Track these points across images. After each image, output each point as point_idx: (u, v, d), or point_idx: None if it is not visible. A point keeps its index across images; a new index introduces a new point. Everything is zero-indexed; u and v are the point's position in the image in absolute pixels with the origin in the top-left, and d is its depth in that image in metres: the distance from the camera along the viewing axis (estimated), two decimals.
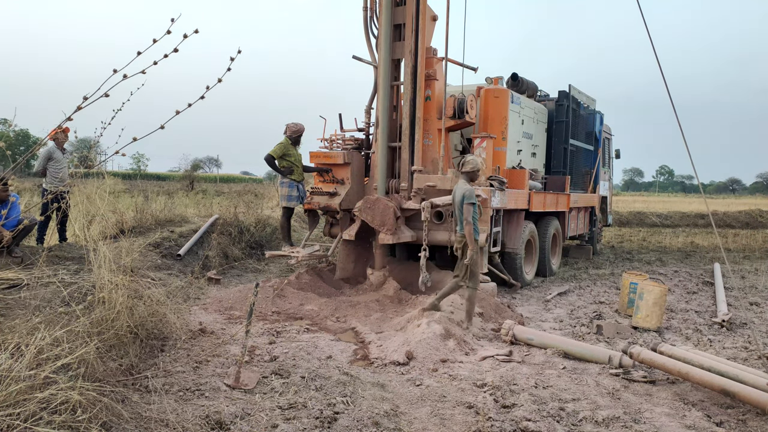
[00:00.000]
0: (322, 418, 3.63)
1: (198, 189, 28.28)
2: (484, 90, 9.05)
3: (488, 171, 8.09)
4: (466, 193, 5.87)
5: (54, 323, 3.70)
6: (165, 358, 4.55)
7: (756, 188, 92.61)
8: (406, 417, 3.83)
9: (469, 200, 5.86)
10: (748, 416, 3.98)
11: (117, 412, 3.30)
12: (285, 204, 8.47)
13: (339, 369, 4.63)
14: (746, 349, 5.65)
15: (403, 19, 7.96)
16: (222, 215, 11.23)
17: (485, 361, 5.11)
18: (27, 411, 2.79)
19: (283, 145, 8.34)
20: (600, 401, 4.18)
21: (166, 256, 8.70)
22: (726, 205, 33.33)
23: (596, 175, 12.37)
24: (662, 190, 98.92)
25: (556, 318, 7.02)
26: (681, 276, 10.36)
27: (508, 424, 3.69)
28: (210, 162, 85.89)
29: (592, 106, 12.35)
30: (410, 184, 7.80)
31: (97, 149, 8.29)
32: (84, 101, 2.55)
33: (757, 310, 7.61)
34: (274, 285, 7.29)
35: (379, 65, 8.04)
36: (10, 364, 3.01)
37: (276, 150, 8.27)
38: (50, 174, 8.15)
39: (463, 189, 5.93)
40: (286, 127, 8.50)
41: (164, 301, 5.21)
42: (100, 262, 4.91)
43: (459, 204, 5.96)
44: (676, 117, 4.77)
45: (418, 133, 7.89)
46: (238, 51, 2.80)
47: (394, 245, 8.54)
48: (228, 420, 3.51)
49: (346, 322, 6.44)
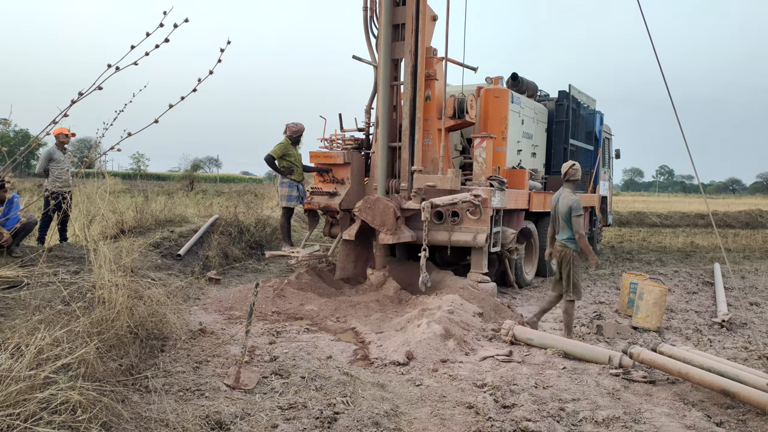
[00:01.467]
0: (322, 418, 3.63)
1: (198, 189, 28.27)
2: (484, 90, 9.05)
3: (488, 171, 8.10)
4: (573, 204, 5.64)
5: (54, 323, 3.70)
6: (165, 358, 4.55)
7: (756, 188, 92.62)
8: (406, 417, 3.83)
9: (577, 212, 5.64)
10: (748, 416, 3.98)
11: (117, 412, 3.30)
12: (285, 204, 8.48)
13: (339, 369, 4.63)
14: (746, 349, 5.65)
15: (403, 19, 7.96)
16: (222, 215, 11.24)
17: (485, 361, 5.11)
18: (27, 411, 2.79)
19: (283, 145, 8.34)
20: (600, 401, 4.18)
21: (166, 256, 8.70)
22: (726, 205, 33.34)
23: (596, 175, 12.37)
24: (662, 190, 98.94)
25: (556, 318, 7.02)
26: (681, 276, 10.36)
27: (508, 424, 3.69)
28: (210, 162, 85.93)
29: (592, 105, 12.35)
30: (410, 184, 7.79)
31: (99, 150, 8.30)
32: (79, 96, 2.56)
33: (757, 310, 7.61)
34: (274, 285, 7.28)
35: (379, 65, 8.04)
36: (10, 364, 3.01)
37: (276, 150, 8.27)
38: (52, 175, 8.15)
39: (570, 200, 5.67)
40: (286, 127, 8.50)
41: (164, 301, 5.21)
42: (100, 262, 4.91)
43: (565, 215, 5.72)
44: (676, 116, 4.77)
45: (418, 133, 7.89)
46: (227, 42, 2.80)
47: (394, 245, 8.54)
48: (228, 420, 3.51)
49: (346, 322, 6.43)
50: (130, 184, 26.40)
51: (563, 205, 5.73)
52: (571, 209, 5.64)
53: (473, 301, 6.68)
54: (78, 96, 2.55)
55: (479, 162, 8.01)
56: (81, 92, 2.54)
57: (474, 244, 7.50)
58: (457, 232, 7.67)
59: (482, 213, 7.47)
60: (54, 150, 8.17)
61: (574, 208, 5.63)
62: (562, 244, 5.79)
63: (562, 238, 5.81)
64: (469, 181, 8.15)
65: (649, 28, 4.79)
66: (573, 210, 5.64)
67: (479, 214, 7.47)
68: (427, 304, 6.37)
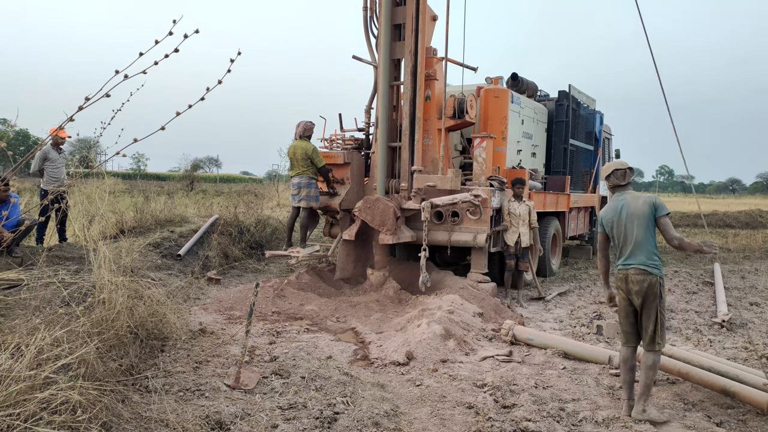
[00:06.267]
0: (322, 418, 3.63)
1: (198, 189, 28.26)
2: (484, 90, 9.05)
3: (488, 171, 8.10)
4: (656, 201, 4.01)
5: (54, 323, 3.70)
6: (165, 359, 4.55)
7: (756, 188, 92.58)
8: (406, 417, 3.83)
9: (665, 210, 3.99)
10: (749, 416, 3.98)
11: (117, 412, 3.30)
12: (315, 204, 8.18)
13: (339, 369, 4.63)
14: (746, 350, 5.65)
15: (403, 19, 7.96)
16: (222, 215, 11.23)
17: (485, 361, 5.12)
18: (27, 411, 2.78)
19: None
20: (600, 401, 4.18)
21: (166, 256, 8.70)
22: (726, 205, 33.32)
23: (596, 175, 12.37)
24: (662, 190, 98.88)
25: (556, 318, 7.02)
26: (681, 276, 10.35)
27: (508, 424, 3.69)
28: (210, 162, 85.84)
29: (592, 105, 12.35)
30: (410, 184, 7.79)
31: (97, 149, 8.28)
32: (86, 101, 2.56)
33: (757, 310, 7.60)
34: (274, 285, 7.28)
35: (379, 65, 8.04)
36: (10, 364, 3.01)
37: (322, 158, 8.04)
38: (47, 174, 8.16)
39: (648, 197, 4.05)
40: (303, 127, 8.19)
41: (164, 301, 5.21)
42: (100, 263, 4.90)
43: (648, 216, 3.97)
44: (670, 115, 4.76)
45: (418, 133, 7.89)
46: (238, 53, 2.79)
47: (394, 245, 8.54)
48: (228, 420, 3.51)
49: (346, 323, 6.43)
50: (130, 184, 26.41)
51: (642, 206, 4.00)
52: (655, 207, 3.97)
53: (473, 301, 6.68)
54: (85, 102, 2.55)
55: (479, 162, 8.01)
56: (88, 97, 2.54)
57: (474, 244, 7.50)
58: (457, 232, 7.67)
59: (482, 213, 7.47)
60: (49, 150, 8.17)
61: (659, 205, 3.98)
62: (641, 272, 3.93)
63: (639, 262, 3.95)
64: (469, 181, 8.15)
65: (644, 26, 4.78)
66: (659, 207, 3.97)
67: (479, 214, 7.47)
68: (427, 304, 6.37)
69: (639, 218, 3.96)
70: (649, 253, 3.94)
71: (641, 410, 3.84)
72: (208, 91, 2.68)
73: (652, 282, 3.89)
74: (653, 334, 3.90)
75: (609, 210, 4.15)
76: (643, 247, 3.94)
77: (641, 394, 3.89)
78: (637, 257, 3.95)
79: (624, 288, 4.01)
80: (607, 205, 4.22)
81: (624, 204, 4.06)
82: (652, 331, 3.90)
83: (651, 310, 3.90)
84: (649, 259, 3.93)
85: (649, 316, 3.91)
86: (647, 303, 3.91)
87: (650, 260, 3.93)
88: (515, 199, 7.79)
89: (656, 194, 4.21)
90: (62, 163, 8.32)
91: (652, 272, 3.90)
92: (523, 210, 7.70)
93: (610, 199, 4.24)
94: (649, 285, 3.89)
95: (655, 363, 3.93)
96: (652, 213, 3.95)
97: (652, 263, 3.93)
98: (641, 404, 3.87)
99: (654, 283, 3.90)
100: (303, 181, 7.93)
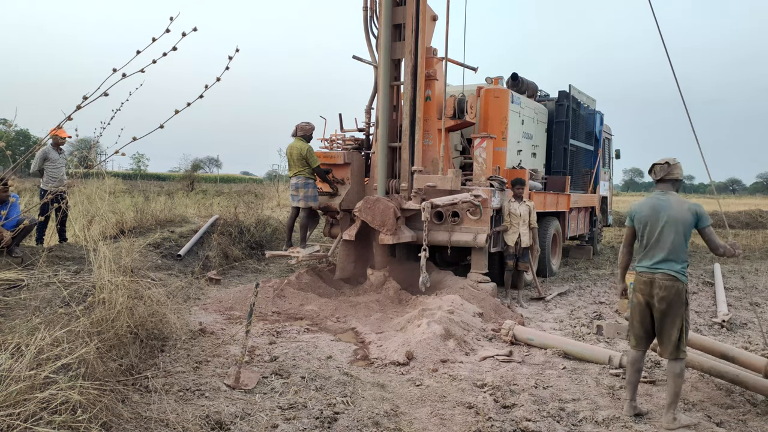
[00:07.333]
0: (322, 418, 3.64)
1: (198, 189, 28.25)
2: (484, 90, 9.05)
3: (488, 171, 8.10)
4: (699, 210, 3.87)
5: (54, 323, 3.70)
6: (165, 359, 4.55)
7: (756, 188, 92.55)
8: (406, 417, 3.83)
9: (708, 221, 3.88)
10: (749, 416, 3.98)
11: (117, 412, 3.30)
12: (314, 204, 8.14)
13: (339, 369, 4.63)
14: (746, 350, 5.65)
15: (403, 19, 7.97)
16: (222, 215, 11.24)
17: (485, 361, 5.12)
18: (27, 411, 2.78)
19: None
20: (600, 401, 4.19)
21: (166, 256, 8.70)
22: (726, 205, 33.31)
23: (596, 175, 12.37)
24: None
25: (556, 318, 7.02)
26: None
27: (508, 424, 3.69)
28: (210, 162, 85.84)
29: (592, 106, 12.35)
30: (410, 185, 7.80)
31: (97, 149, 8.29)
32: (84, 101, 2.55)
33: (757, 310, 7.61)
34: (274, 285, 7.28)
35: (379, 65, 8.04)
36: (11, 364, 3.01)
37: (317, 157, 8.03)
38: (47, 174, 8.17)
39: (693, 205, 3.90)
40: (297, 126, 8.18)
41: (164, 301, 5.21)
42: (100, 263, 4.91)
43: (689, 224, 3.87)
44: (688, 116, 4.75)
45: (418, 133, 7.89)
46: (236, 50, 2.79)
47: (394, 245, 8.54)
48: (228, 420, 3.51)
49: (346, 323, 6.44)
50: (130, 184, 26.40)
51: (682, 212, 3.86)
52: (699, 216, 3.85)
53: (473, 301, 6.68)
54: (83, 101, 2.55)
55: (479, 162, 8.02)
56: (86, 96, 2.54)
57: (474, 244, 7.50)
58: (457, 232, 7.67)
59: (482, 213, 7.47)
60: (49, 150, 8.18)
61: (702, 215, 3.86)
62: (671, 278, 3.84)
63: (671, 268, 3.86)
64: (469, 181, 8.15)
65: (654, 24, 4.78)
66: (702, 217, 3.86)
67: (479, 215, 7.47)
68: (427, 304, 6.37)
69: (679, 224, 3.84)
70: (681, 260, 3.87)
71: (671, 419, 3.77)
72: (206, 89, 2.67)
73: (680, 289, 3.83)
74: (678, 341, 3.82)
75: (645, 207, 4.02)
76: (677, 254, 3.85)
77: (671, 403, 3.81)
78: (669, 263, 3.85)
79: (646, 292, 3.90)
80: (643, 201, 4.08)
81: (666, 206, 3.91)
82: (676, 339, 3.82)
83: (677, 317, 3.83)
84: (681, 266, 3.86)
85: (674, 322, 3.83)
86: (673, 309, 3.83)
87: (682, 267, 3.87)
88: (515, 200, 7.78)
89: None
90: (62, 164, 8.33)
91: (680, 279, 3.83)
92: (523, 210, 7.70)
93: (649, 195, 4.13)
94: (676, 292, 3.81)
95: (683, 371, 3.87)
96: (694, 222, 3.85)
97: (682, 270, 3.86)
98: (671, 413, 3.79)
99: (681, 290, 3.83)
100: (300, 182, 7.92)
